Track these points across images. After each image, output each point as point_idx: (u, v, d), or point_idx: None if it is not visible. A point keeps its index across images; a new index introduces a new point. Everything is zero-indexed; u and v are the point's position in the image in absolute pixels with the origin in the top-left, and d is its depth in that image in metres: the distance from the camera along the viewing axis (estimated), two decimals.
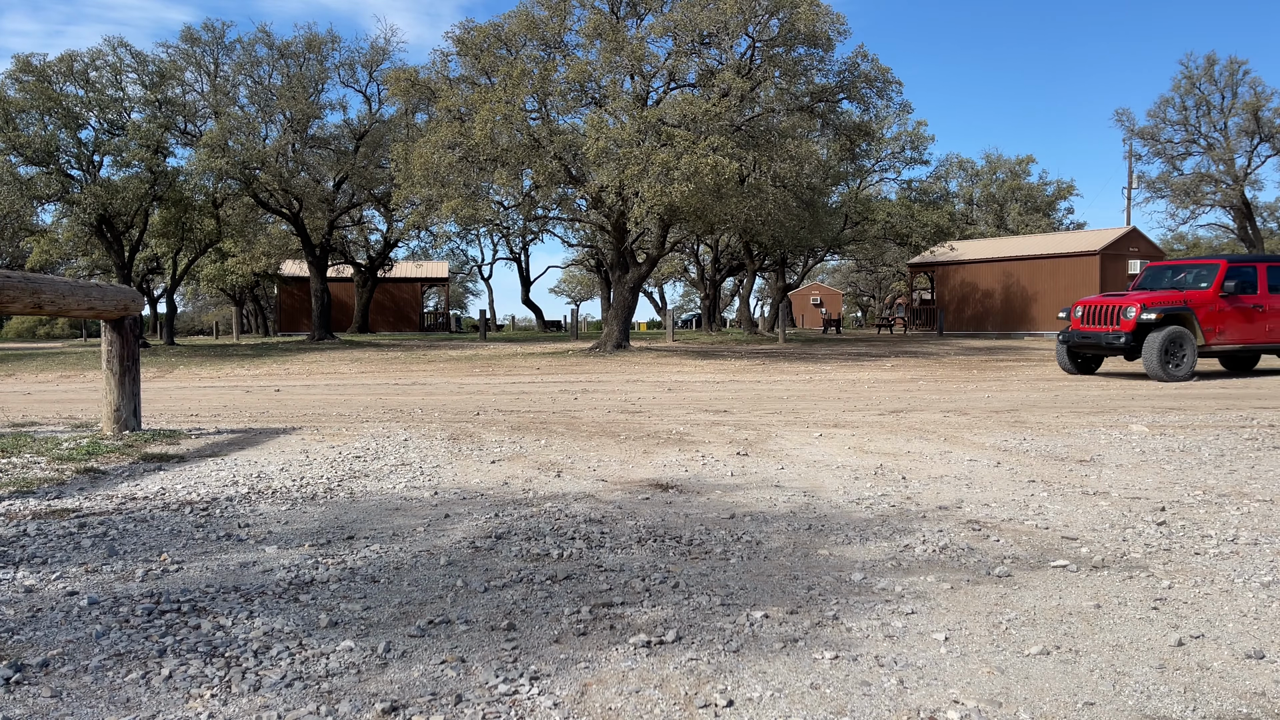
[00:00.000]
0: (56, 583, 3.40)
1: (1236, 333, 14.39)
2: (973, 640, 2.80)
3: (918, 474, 5.74)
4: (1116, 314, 13.94)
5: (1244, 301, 14.37)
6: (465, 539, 4.07)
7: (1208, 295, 14.16)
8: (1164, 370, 13.40)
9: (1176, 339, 13.56)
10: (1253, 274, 14.61)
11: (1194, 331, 13.92)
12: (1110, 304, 14.17)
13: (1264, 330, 14.69)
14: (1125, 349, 13.82)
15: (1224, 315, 14.21)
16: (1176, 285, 14.72)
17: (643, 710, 2.32)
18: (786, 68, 22.19)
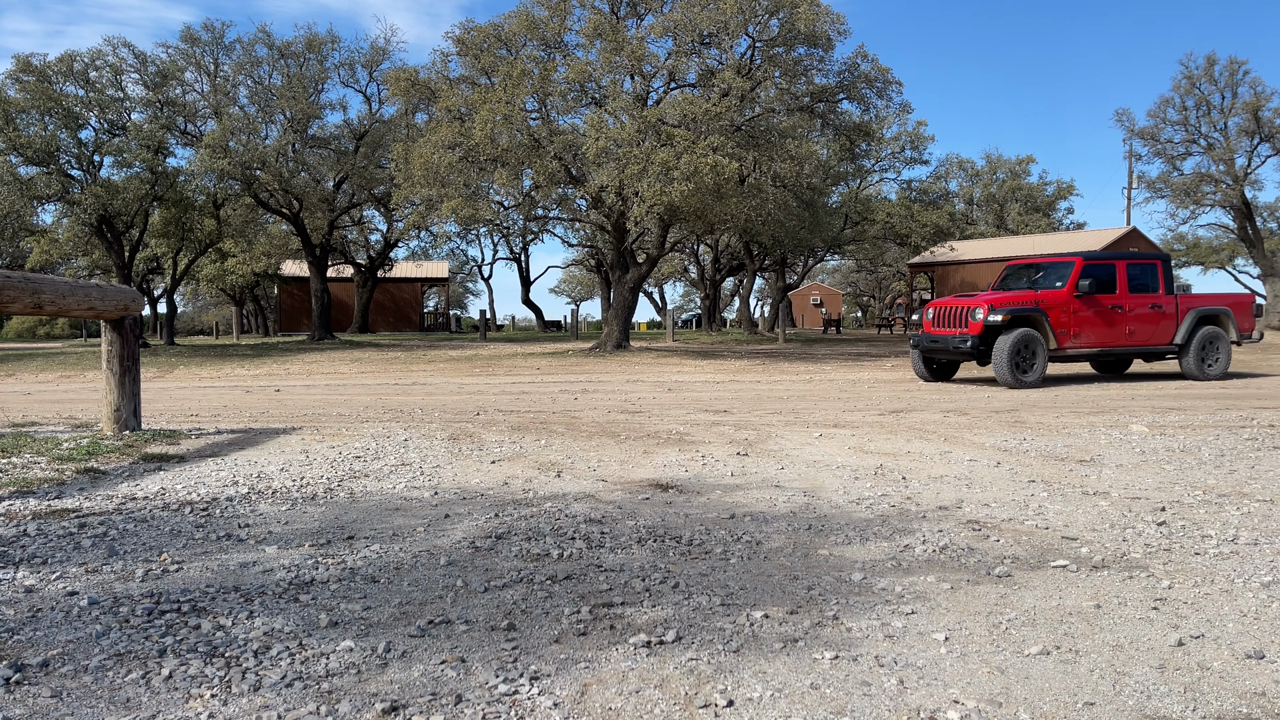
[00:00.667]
0: (56, 583, 3.40)
1: (1094, 335, 13.33)
2: (973, 640, 2.80)
3: (918, 474, 5.74)
4: (965, 316, 12.96)
5: (1101, 302, 13.31)
6: (465, 539, 4.07)
7: (1061, 295, 13.11)
8: (1014, 376, 12.43)
9: (1027, 342, 12.58)
10: (1111, 272, 13.50)
11: (1045, 334, 12.92)
12: (959, 305, 13.16)
13: (1124, 333, 13.57)
14: (974, 353, 12.78)
15: (1079, 317, 13.16)
16: (1033, 285, 13.72)
17: (643, 710, 2.32)
18: (786, 68, 22.19)
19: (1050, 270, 13.85)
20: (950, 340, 13.04)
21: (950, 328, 13.23)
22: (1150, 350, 13.90)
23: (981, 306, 12.73)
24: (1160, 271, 13.97)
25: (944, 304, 13.53)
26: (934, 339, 13.40)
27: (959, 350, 12.89)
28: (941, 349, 13.28)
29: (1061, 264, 13.75)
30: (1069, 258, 13.69)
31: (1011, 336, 12.44)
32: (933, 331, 13.57)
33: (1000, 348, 12.46)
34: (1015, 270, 14.66)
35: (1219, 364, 14.01)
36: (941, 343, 13.23)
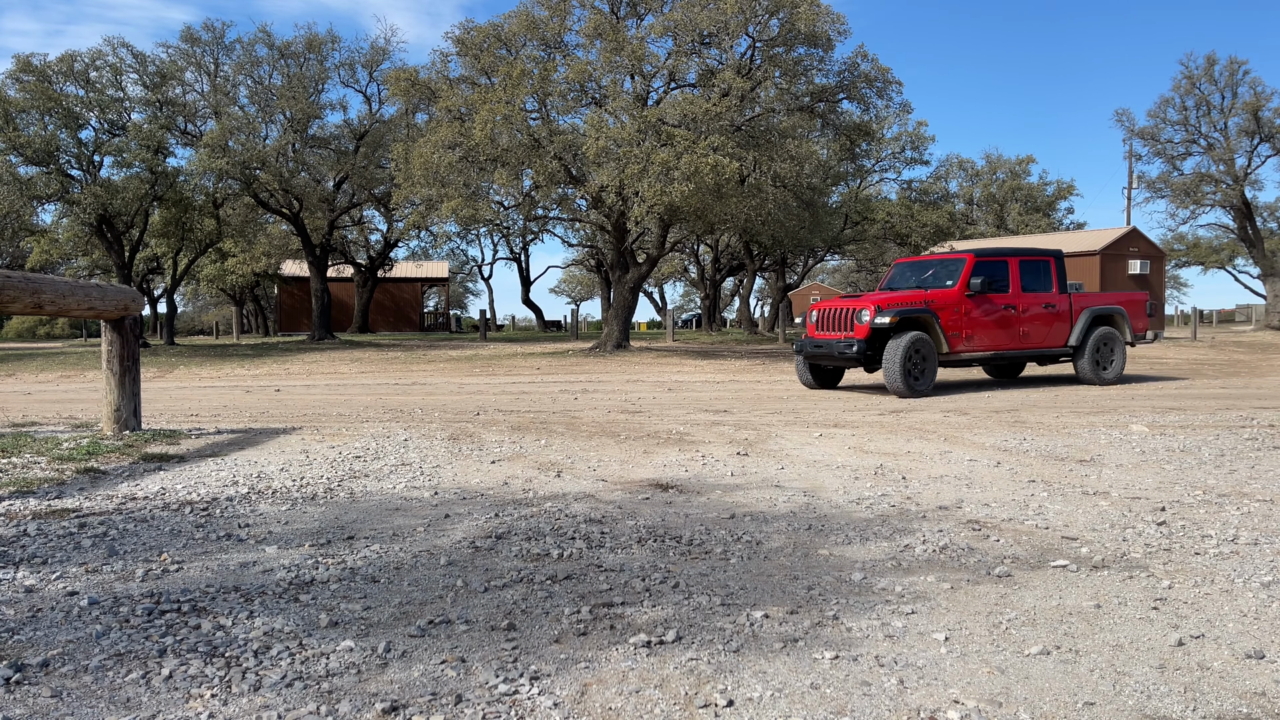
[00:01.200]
0: (57, 583, 3.40)
1: (987, 338, 12.33)
2: (973, 640, 2.80)
3: (918, 474, 5.74)
4: (849, 319, 11.91)
5: (994, 302, 12.34)
6: (465, 539, 4.07)
7: (952, 295, 12.07)
8: (906, 384, 11.37)
9: (919, 346, 11.54)
10: (1004, 270, 12.53)
11: (936, 337, 11.90)
12: (844, 307, 12.12)
13: (1018, 334, 12.61)
14: (860, 359, 11.72)
15: (972, 318, 12.15)
16: (923, 284, 12.62)
17: (643, 710, 2.32)
18: (786, 68, 22.19)
19: (940, 268, 12.82)
20: (835, 345, 11.90)
21: (835, 331, 12.14)
22: (1045, 353, 13.04)
23: (867, 308, 11.68)
24: (1053, 269, 13.17)
25: (828, 305, 12.47)
26: (818, 343, 12.19)
27: (844, 356, 11.78)
28: (826, 354, 12.11)
29: (952, 261, 12.72)
30: (959, 255, 12.69)
31: (903, 341, 11.37)
32: (817, 335, 12.43)
33: (891, 353, 11.40)
34: (903, 268, 13.54)
35: (1115, 366, 13.23)
36: (826, 347, 12.05)
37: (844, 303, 12.26)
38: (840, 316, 12.10)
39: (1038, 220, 46.28)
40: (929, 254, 14.16)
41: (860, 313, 11.74)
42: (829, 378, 12.99)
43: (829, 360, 12.22)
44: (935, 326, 11.85)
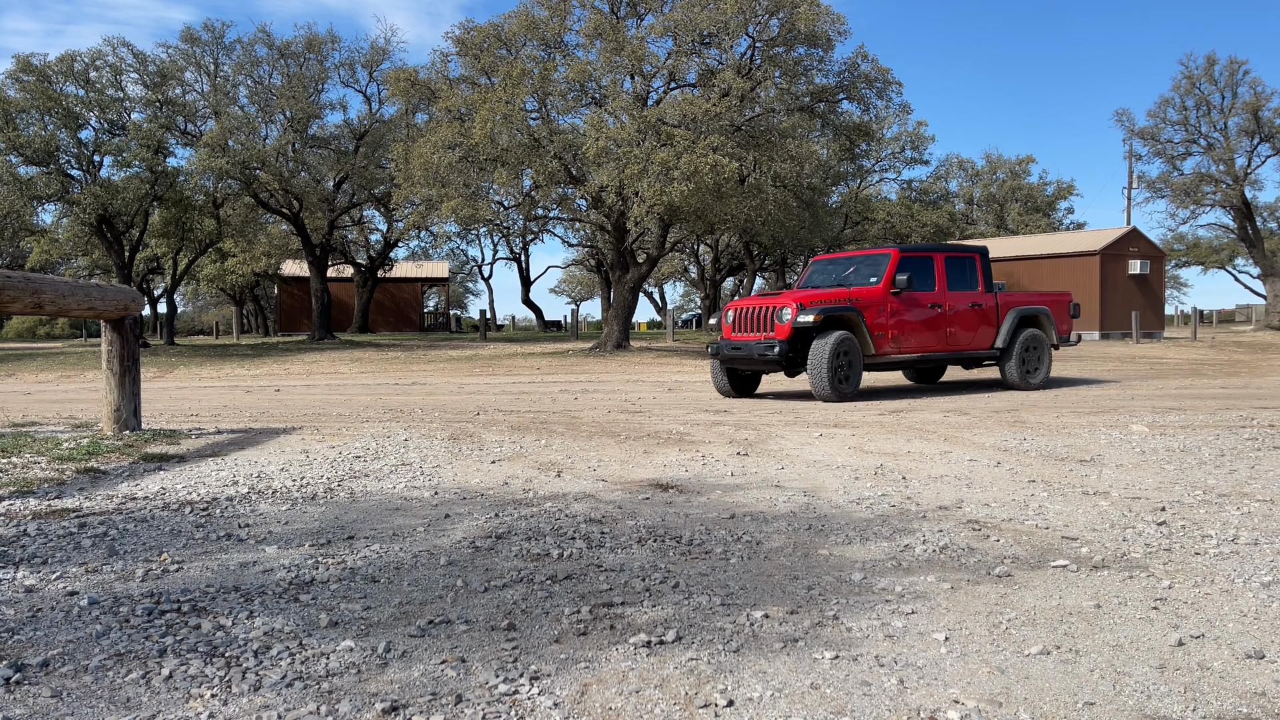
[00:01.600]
0: (57, 583, 3.40)
1: (913, 339, 11.57)
2: (973, 640, 2.80)
3: (918, 474, 5.74)
4: (770, 318, 11.02)
5: (920, 300, 11.57)
6: (465, 539, 4.07)
7: (877, 292, 11.25)
8: (834, 388, 10.57)
9: (846, 348, 10.73)
10: (929, 267, 11.75)
11: (862, 338, 11.06)
12: (763, 305, 11.21)
13: (945, 335, 11.80)
14: (781, 361, 10.83)
15: (897, 317, 11.36)
16: (844, 281, 11.82)
17: (643, 710, 2.32)
18: (786, 68, 22.19)
19: (863, 264, 11.95)
20: (754, 347, 10.97)
21: (753, 331, 11.22)
22: (971, 355, 12.18)
23: (789, 305, 10.84)
24: (979, 267, 12.30)
25: (745, 304, 11.52)
26: (736, 346, 11.22)
27: (764, 358, 10.90)
28: (745, 357, 11.15)
29: (875, 256, 11.90)
30: (883, 250, 11.93)
31: (830, 341, 10.54)
32: (734, 337, 11.45)
33: (818, 355, 10.55)
34: (823, 265, 12.59)
35: (1042, 370, 12.48)
36: (745, 350, 11.09)
37: (763, 301, 11.33)
38: (759, 316, 11.20)
39: (1038, 220, 46.28)
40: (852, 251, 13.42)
41: (781, 311, 10.90)
42: (747, 384, 11.97)
43: (747, 364, 11.31)
44: (861, 326, 11.01)
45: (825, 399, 10.67)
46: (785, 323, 10.84)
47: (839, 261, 12.44)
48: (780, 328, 10.88)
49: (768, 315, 11.10)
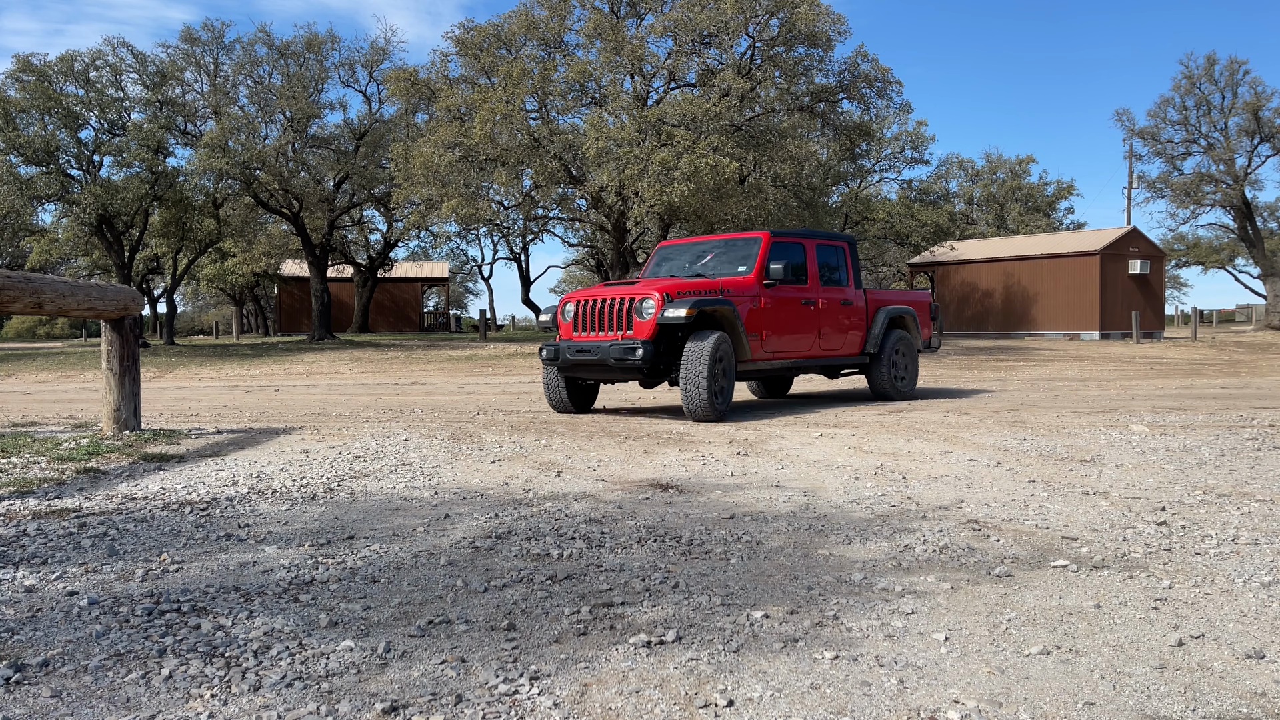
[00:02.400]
0: (56, 583, 3.40)
1: (788, 341, 9.75)
2: (973, 640, 2.80)
3: (918, 474, 5.74)
4: (626, 312, 8.82)
5: (794, 295, 9.77)
6: (465, 539, 4.07)
7: (749, 284, 9.34)
8: (711, 401, 8.49)
9: (722, 352, 8.69)
10: (801, 255, 10.00)
11: (738, 340, 9.05)
12: (616, 296, 8.99)
13: (816, 338, 10.07)
14: (642, 368, 8.62)
15: (771, 315, 9.47)
16: (704, 271, 9.86)
17: (643, 710, 2.32)
18: (787, 68, 22.19)
19: (724, 250, 10.02)
20: (608, 350, 8.72)
21: (604, 330, 8.99)
22: (842, 361, 10.55)
23: (652, 296, 8.70)
24: (848, 258, 10.70)
25: (592, 295, 9.22)
26: (582, 348, 8.94)
27: (623, 364, 8.63)
28: (594, 363, 8.92)
29: (738, 241, 10.01)
30: (750, 233, 10.04)
31: (709, 343, 8.47)
32: (579, 337, 9.14)
33: (696, 359, 8.43)
34: (670, 252, 10.57)
35: (910, 378, 11.23)
36: (595, 353, 8.83)
37: (615, 291, 9.07)
38: (611, 310, 8.94)
39: (1038, 220, 46.30)
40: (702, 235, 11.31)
41: (641, 304, 8.72)
42: (585, 397, 9.76)
43: (597, 372, 9.13)
44: (737, 325, 8.97)
45: (701, 418, 8.56)
46: (648, 319, 8.62)
47: (693, 246, 10.45)
48: (641, 325, 8.67)
49: (623, 309, 8.85)
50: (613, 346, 8.66)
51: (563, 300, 9.43)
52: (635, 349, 8.53)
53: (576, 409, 9.58)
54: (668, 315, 8.51)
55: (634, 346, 8.54)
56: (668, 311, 8.52)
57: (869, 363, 10.84)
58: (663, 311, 8.55)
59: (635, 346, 8.54)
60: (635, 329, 8.73)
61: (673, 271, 10.10)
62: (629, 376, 9.01)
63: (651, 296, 8.69)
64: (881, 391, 10.94)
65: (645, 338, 8.63)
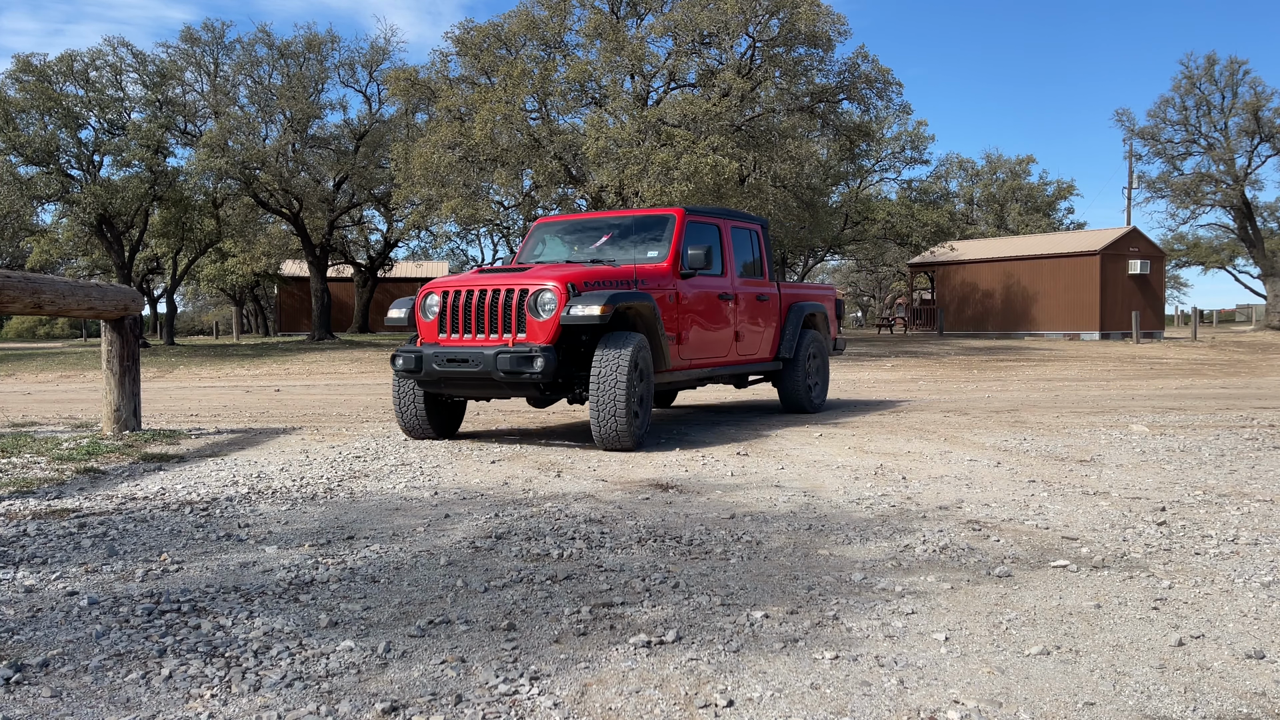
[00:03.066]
0: (56, 583, 3.40)
1: (706, 345, 7.92)
2: (973, 640, 2.80)
3: (918, 474, 5.74)
4: (516, 309, 6.75)
5: (712, 289, 7.99)
6: (465, 539, 4.07)
7: (663, 272, 7.48)
8: (630, 424, 6.67)
9: (643, 361, 6.85)
10: (716, 239, 8.26)
11: (657, 345, 7.15)
12: (500, 287, 6.86)
13: (733, 341, 8.27)
14: (540, 383, 6.66)
15: (689, 312, 7.67)
16: (601, 257, 7.85)
17: (643, 710, 2.32)
18: (787, 68, 22.20)
19: (625, 231, 8.11)
20: (492, 359, 6.60)
21: (484, 333, 6.84)
22: (757, 367, 8.82)
23: (551, 287, 6.68)
24: (761, 244, 9.06)
25: (465, 285, 7.01)
26: (455, 356, 6.77)
27: (515, 377, 6.56)
28: (473, 376, 6.74)
29: (648, 220, 8.10)
30: (658, 210, 8.19)
31: (628, 348, 6.61)
32: (450, 341, 6.93)
33: (611, 371, 6.55)
34: (554, 230, 8.52)
35: (822, 386, 9.64)
36: (473, 363, 6.67)
37: (498, 280, 6.90)
38: (495, 306, 6.79)
39: (1038, 220, 46.30)
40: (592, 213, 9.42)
41: (539, 297, 6.65)
42: (448, 416, 7.54)
43: (473, 389, 6.98)
44: (657, 326, 7.08)
45: (617, 445, 6.67)
46: (547, 317, 6.58)
47: (583, 225, 8.45)
48: (537, 326, 6.61)
49: (510, 305, 6.70)
50: (501, 355, 6.51)
51: (424, 291, 7.09)
52: (533, 359, 6.43)
53: (438, 432, 7.40)
54: (576, 313, 6.48)
55: (530, 355, 6.45)
56: (575, 309, 6.49)
57: (782, 369, 9.16)
58: (568, 309, 6.50)
59: (533, 355, 6.45)
60: (529, 331, 6.61)
61: (559, 256, 8.09)
62: (519, 393, 6.95)
63: (550, 287, 6.60)
64: (795, 402, 9.28)
65: (545, 343, 6.55)
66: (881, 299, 62.26)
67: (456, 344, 6.87)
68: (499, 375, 6.57)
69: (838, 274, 68.36)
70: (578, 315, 6.53)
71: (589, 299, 6.56)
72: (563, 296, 6.63)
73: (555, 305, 6.62)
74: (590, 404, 6.67)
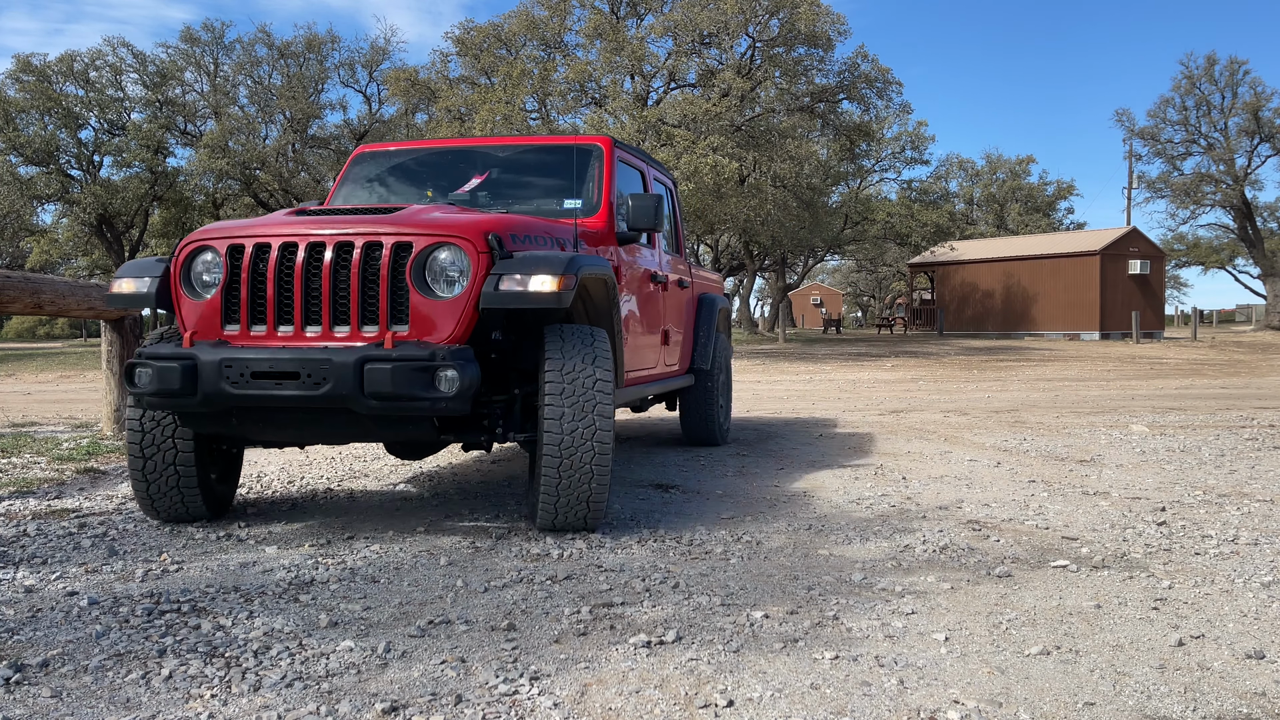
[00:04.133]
0: (56, 583, 3.40)
1: (639, 351, 5.44)
2: (973, 640, 2.80)
3: (918, 474, 5.74)
4: (386, 277, 3.78)
5: (646, 262, 5.63)
6: (465, 539, 4.07)
7: (599, 229, 5.04)
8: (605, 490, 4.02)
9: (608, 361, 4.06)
10: (642, 188, 5.94)
11: (614, 337, 4.44)
12: (348, 237, 3.81)
13: (660, 343, 5.89)
14: (449, 413, 3.73)
15: (631, 298, 5.29)
16: (482, 204, 5.22)
17: (643, 710, 2.32)
18: (787, 68, 22.21)
19: (515, 167, 5.61)
20: (351, 370, 3.59)
21: (321, 325, 3.84)
22: (672, 384, 6.19)
23: (459, 238, 3.85)
24: (676, 206, 6.77)
25: (278, 234, 3.93)
26: (267, 365, 3.68)
27: (399, 403, 3.63)
28: (311, 403, 3.68)
29: (549, 152, 5.59)
30: (574, 139, 5.60)
31: (595, 345, 4.06)
32: (249, 339, 3.89)
33: (586, 390, 3.95)
34: (385, 162, 5.77)
35: (728, 407, 7.37)
36: (312, 377, 3.63)
37: (341, 226, 3.89)
38: (340, 273, 3.85)
39: (1038, 220, 46.31)
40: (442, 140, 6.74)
41: (437, 258, 3.87)
42: (224, 479, 4.56)
43: (305, 428, 4.09)
44: (613, 315, 4.52)
45: (580, 526, 4.11)
46: (455, 293, 3.86)
47: (442, 157, 5.75)
48: (436, 310, 3.83)
49: (378, 271, 3.84)
50: (373, 365, 3.61)
51: (189, 244, 4.06)
52: (437, 370, 3.63)
53: (212, 507, 4.38)
54: (510, 289, 3.78)
55: (432, 364, 3.63)
56: (509, 281, 3.79)
57: (694, 384, 6.67)
58: (494, 280, 3.80)
59: (436, 364, 3.63)
60: (415, 320, 3.81)
61: (390, 196, 5.46)
62: (393, 434, 4.21)
63: (458, 242, 3.84)
64: (705, 431, 6.86)
65: (452, 340, 3.80)
66: (881, 299, 62.26)
67: (265, 343, 3.83)
68: (367, 404, 3.60)
69: (838, 274, 68.38)
70: (515, 292, 3.73)
71: (530, 264, 3.79)
72: (481, 259, 3.80)
73: (469, 273, 3.78)
74: (542, 456, 3.88)
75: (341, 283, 3.82)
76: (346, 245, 3.82)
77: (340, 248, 3.82)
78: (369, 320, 3.83)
